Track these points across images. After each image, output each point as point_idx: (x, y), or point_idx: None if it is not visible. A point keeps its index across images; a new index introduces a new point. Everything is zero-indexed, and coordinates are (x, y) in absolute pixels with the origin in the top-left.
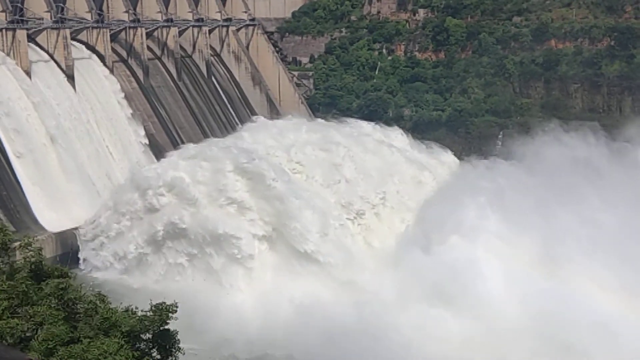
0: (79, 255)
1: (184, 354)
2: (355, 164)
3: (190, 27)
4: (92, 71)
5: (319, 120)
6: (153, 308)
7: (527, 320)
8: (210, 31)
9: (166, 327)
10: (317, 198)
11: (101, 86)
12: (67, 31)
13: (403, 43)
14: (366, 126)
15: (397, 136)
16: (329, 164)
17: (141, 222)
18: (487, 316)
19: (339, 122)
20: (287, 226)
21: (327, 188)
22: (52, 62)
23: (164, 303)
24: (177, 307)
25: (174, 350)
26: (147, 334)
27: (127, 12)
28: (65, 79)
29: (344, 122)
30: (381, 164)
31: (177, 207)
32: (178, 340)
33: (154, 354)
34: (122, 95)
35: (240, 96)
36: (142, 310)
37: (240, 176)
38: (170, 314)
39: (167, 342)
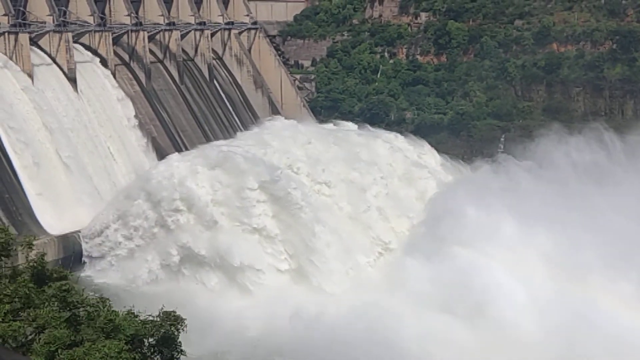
0: (82, 274)
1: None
2: (386, 189)
3: (193, 31)
4: (94, 74)
5: (348, 124)
6: (161, 314)
7: (543, 333)
8: (212, 34)
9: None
10: (345, 228)
11: (103, 89)
12: (70, 34)
13: (405, 46)
14: (394, 139)
15: (426, 152)
16: (358, 188)
17: (155, 241)
18: (499, 327)
19: (369, 131)
20: (310, 262)
21: (355, 216)
22: (54, 65)
23: (174, 312)
24: (185, 325)
25: (176, 354)
26: (150, 339)
27: (129, 15)
28: (68, 82)
29: (373, 132)
30: (413, 190)
31: (194, 229)
32: (180, 343)
33: (156, 359)
34: (125, 98)
35: (242, 99)
36: (150, 315)
37: (264, 195)
38: (178, 325)
39: (169, 347)
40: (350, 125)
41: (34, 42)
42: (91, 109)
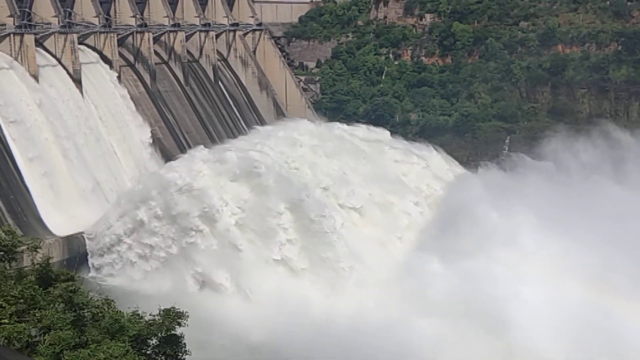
0: (87, 276)
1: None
2: (421, 218)
3: (197, 32)
4: (99, 75)
5: (381, 133)
6: (162, 313)
7: (560, 348)
8: (217, 36)
9: (173, 332)
10: (374, 259)
11: (108, 90)
12: (75, 36)
13: (410, 48)
14: (429, 156)
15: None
16: (389, 214)
17: (171, 264)
18: (513, 338)
19: (401, 142)
20: (337, 298)
21: (385, 244)
22: (59, 66)
23: (174, 309)
24: (187, 315)
25: (180, 355)
26: (154, 339)
27: (134, 16)
28: (73, 83)
29: (407, 145)
30: None
31: (213, 253)
32: (184, 344)
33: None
34: (129, 99)
35: (247, 101)
36: (150, 314)
37: (291, 218)
38: (179, 320)
39: (173, 347)
40: (384, 135)
41: (39, 43)
42: (96, 109)
